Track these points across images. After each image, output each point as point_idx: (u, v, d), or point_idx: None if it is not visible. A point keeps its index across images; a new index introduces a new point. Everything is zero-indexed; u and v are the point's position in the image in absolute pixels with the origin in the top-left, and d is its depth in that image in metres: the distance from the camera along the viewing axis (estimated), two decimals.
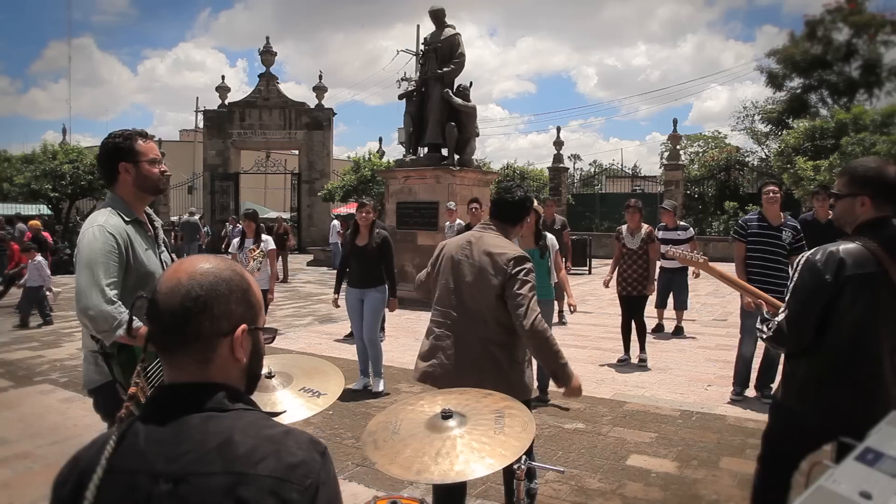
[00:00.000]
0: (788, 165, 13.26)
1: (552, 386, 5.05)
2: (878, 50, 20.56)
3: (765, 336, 2.23)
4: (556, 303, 8.80)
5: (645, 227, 6.84)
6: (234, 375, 1.08)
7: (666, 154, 21.87)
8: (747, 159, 23.36)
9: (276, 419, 1.12)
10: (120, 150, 2.34)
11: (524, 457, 2.06)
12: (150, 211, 2.54)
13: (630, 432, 4.53)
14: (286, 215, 26.38)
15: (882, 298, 2.03)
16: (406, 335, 8.07)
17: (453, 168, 10.57)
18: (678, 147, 22.02)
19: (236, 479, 0.94)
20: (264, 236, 6.32)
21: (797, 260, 2.20)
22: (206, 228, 20.93)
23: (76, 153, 19.71)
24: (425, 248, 10.37)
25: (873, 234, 2.07)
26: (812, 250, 2.14)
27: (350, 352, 7.04)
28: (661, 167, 27.07)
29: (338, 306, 6.08)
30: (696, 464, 3.94)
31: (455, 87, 11.16)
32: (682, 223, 8.36)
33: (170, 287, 1.04)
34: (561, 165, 23.34)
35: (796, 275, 2.13)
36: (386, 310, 5.99)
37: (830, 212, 6.42)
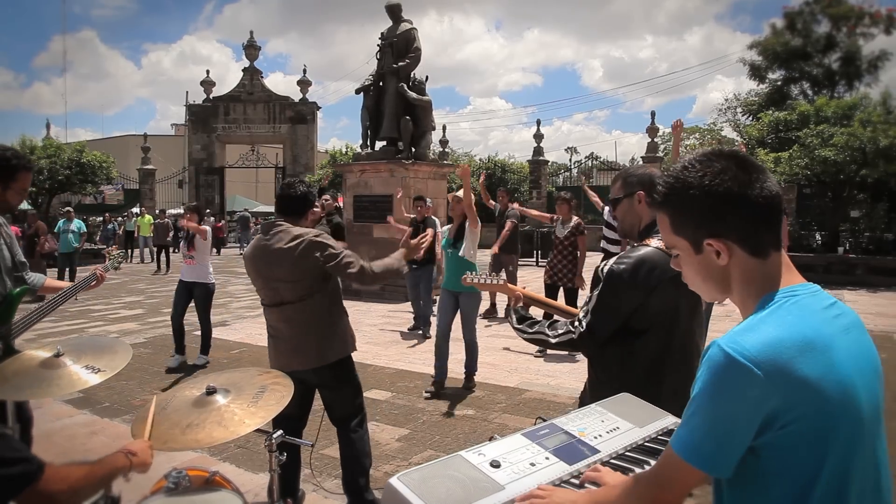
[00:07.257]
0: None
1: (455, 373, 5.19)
2: (857, 41, 20.50)
3: (554, 341, 2.14)
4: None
5: (574, 219, 6.95)
6: None
7: (646, 147, 21.86)
8: None
9: None
10: (7, 168, 2.63)
11: (280, 430, 2.20)
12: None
13: (515, 419, 4.67)
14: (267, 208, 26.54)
15: (686, 299, 2.00)
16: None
17: (406, 161, 10.68)
18: (656, 139, 22.06)
19: None
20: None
21: (600, 267, 2.12)
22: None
23: (54, 149, 19.90)
24: (381, 241, 10.49)
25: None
26: (616, 259, 2.08)
27: None
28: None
29: None
30: None
31: (411, 81, 11.26)
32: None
33: None
34: (541, 158, 23.41)
35: (602, 285, 2.06)
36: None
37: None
